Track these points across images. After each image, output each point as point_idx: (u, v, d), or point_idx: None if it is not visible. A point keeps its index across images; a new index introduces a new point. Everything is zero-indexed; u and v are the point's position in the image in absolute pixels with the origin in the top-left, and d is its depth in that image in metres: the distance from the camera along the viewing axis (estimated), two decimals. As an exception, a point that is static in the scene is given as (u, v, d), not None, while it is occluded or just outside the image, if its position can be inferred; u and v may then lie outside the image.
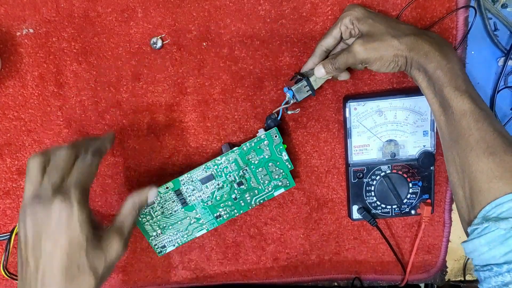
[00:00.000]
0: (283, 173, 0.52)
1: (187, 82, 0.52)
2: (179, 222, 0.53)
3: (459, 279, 0.62)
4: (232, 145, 0.53)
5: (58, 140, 0.53)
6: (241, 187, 0.52)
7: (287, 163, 0.51)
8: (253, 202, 0.53)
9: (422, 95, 0.44)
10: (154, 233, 0.53)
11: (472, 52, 0.53)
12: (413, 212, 0.55)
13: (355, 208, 0.55)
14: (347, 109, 0.52)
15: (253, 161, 0.51)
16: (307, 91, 0.49)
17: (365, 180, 0.54)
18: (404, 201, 0.54)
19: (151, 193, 0.44)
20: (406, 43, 0.42)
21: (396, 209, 0.55)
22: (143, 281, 0.59)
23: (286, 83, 0.52)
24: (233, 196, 0.52)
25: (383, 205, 0.55)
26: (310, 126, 0.54)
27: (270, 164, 0.51)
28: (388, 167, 0.53)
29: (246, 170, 0.51)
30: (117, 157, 0.54)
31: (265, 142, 0.50)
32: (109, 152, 0.54)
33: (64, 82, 0.52)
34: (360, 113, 0.52)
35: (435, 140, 0.52)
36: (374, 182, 0.54)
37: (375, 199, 0.54)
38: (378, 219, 0.56)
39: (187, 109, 0.53)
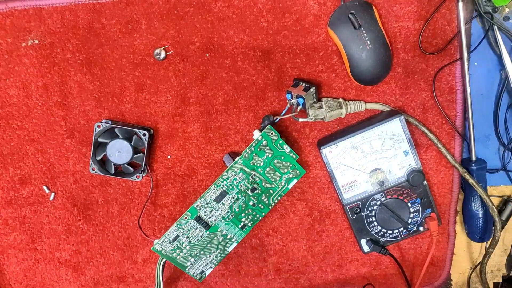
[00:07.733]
0: (291, 165, 0.51)
1: (190, 93, 0.53)
2: (208, 245, 0.53)
3: (464, 292, 0.61)
4: (233, 154, 0.53)
5: (61, 150, 0.54)
6: (255, 192, 0.51)
7: (291, 154, 0.51)
8: (271, 202, 0.53)
9: (389, 120, 0.41)
10: (189, 263, 0.53)
11: (475, 64, 0.52)
12: (421, 229, 0.55)
13: (363, 241, 0.55)
14: (323, 155, 0.52)
15: (258, 164, 0.50)
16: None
17: (363, 213, 0.54)
18: (409, 221, 0.54)
19: None
20: None
21: (404, 231, 0.55)
22: (144, 292, 0.58)
23: (287, 87, 0.52)
24: (251, 203, 0.52)
25: (389, 232, 0.55)
26: (313, 137, 0.54)
27: (275, 161, 0.51)
28: (382, 195, 0.53)
29: (255, 175, 0.51)
30: (120, 167, 0.54)
31: (264, 142, 0.50)
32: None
33: (68, 92, 0.52)
34: (336, 155, 0.52)
35: (417, 156, 0.52)
36: (373, 213, 0.54)
37: (379, 228, 0.54)
38: (389, 245, 0.56)
39: (190, 120, 0.53)
